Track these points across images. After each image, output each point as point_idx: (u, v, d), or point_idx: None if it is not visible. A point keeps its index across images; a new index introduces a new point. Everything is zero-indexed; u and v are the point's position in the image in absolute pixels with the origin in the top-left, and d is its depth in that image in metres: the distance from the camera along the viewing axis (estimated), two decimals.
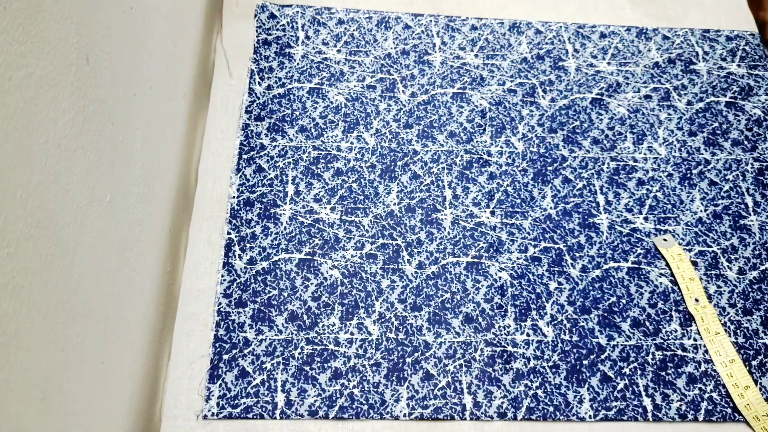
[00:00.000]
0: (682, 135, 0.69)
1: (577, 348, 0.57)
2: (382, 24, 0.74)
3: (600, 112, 0.70)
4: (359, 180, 0.64)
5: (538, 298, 0.59)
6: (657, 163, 0.67)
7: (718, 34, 0.76)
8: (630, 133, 0.69)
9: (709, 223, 0.64)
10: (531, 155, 0.67)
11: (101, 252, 0.43)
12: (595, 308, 0.59)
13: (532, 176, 0.66)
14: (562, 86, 0.71)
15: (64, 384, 0.38)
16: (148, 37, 0.52)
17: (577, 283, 0.60)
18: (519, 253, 0.61)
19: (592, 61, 0.73)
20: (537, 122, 0.69)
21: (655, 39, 0.75)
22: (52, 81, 0.35)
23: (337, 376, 0.55)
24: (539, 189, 0.65)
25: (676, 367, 0.57)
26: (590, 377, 0.56)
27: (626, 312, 0.59)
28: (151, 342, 0.54)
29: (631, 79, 0.72)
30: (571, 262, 0.61)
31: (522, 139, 0.68)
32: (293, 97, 0.68)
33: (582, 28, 0.75)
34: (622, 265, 0.62)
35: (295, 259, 0.59)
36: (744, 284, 0.61)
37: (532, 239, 0.62)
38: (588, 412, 0.55)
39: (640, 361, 0.57)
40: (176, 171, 0.61)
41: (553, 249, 0.62)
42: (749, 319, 0.60)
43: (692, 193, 0.66)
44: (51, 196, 0.36)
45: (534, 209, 0.64)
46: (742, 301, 0.60)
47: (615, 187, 0.66)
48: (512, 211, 0.64)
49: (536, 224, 0.63)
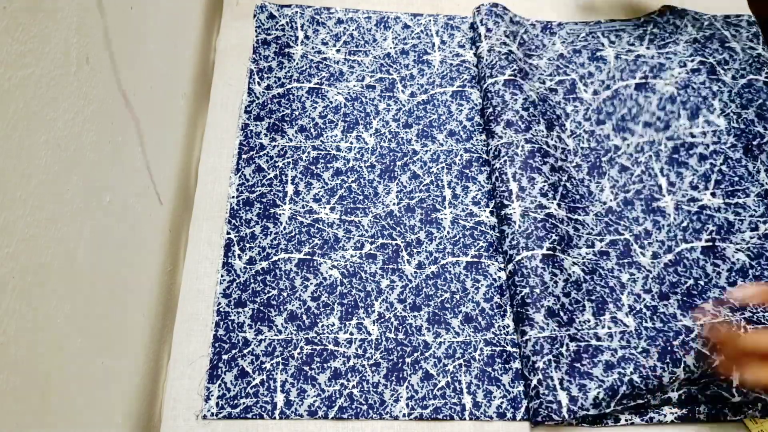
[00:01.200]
0: (735, 108, 0.66)
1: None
2: (382, 24, 0.74)
3: (647, 94, 0.68)
4: (359, 180, 0.64)
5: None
6: (717, 136, 0.65)
7: (739, 19, 0.75)
8: (683, 110, 0.67)
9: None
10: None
11: (101, 252, 0.43)
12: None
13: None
14: (604, 75, 0.70)
15: (64, 384, 0.38)
16: (148, 37, 0.52)
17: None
18: None
19: (630, 48, 0.72)
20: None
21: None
22: (52, 81, 0.35)
23: (337, 376, 0.55)
24: None
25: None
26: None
27: (706, 293, 0.58)
28: (151, 342, 0.54)
29: (674, 58, 0.70)
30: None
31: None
32: (293, 97, 0.68)
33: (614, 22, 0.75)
34: (696, 245, 0.60)
35: (294, 259, 0.59)
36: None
37: None
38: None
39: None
40: (176, 171, 0.61)
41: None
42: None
43: (757, 165, 0.63)
44: (51, 196, 0.36)
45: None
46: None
47: (676, 167, 0.63)
48: None
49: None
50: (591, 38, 0.72)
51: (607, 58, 0.70)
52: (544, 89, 0.68)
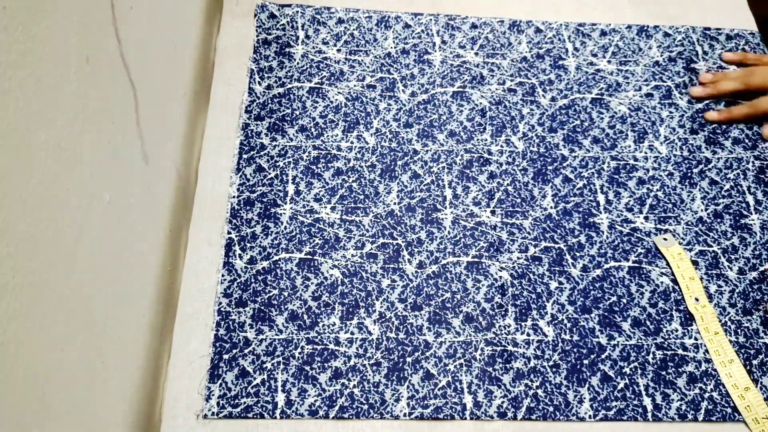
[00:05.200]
0: (683, 133, 0.69)
1: (577, 347, 0.57)
2: (382, 23, 0.74)
3: (601, 111, 0.70)
4: (359, 179, 0.64)
5: (539, 297, 0.59)
6: (658, 162, 0.67)
7: (718, 32, 0.76)
8: (631, 132, 0.69)
9: (709, 222, 0.64)
10: (531, 154, 0.67)
11: (101, 252, 0.43)
12: (596, 308, 0.59)
13: (533, 175, 0.66)
14: (563, 85, 0.71)
15: (64, 384, 0.38)
16: (148, 37, 0.52)
17: (578, 282, 0.60)
18: (519, 252, 0.61)
19: (593, 60, 0.73)
20: (537, 121, 0.69)
21: (656, 37, 0.75)
22: (52, 81, 0.35)
23: (338, 376, 0.55)
24: (539, 188, 0.65)
25: (676, 367, 0.57)
26: (590, 377, 0.56)
27: (627, 311, 0.59)
28: (151, 342, 0.54)
29: (632, 78, 0.72)
30: (571, 262, 0.61)
31: (522, 138, 0.68)
32: (293, 97, 0.68)
33: (582, 26, 0.75)
34: (623, 265, 0.62)
35: (295, 259, 0.59)
36: (744, 284, 0.61)
37: (532, 239, 0.62)
38: (588, 411, 0.55)
39: (640, 361, 0.57)
40: (176, 171, 0.61)
41: (554, 248, 0.62)
42: (749, 319, 0.60)
43: (693, 192, 0.66)
44: (51, 196, 0.36)
45: (534, 209, 0.64)
46: (742, 301, 0.60)
47: (615, 187, 0.66)
48: (512, 210, 0.64)
49: (536, 224, 0.63)
50: (557, 41, 0.73)
51: (569, 68, 0.72)
52: (503, 90, 0.70)
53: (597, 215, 0.64)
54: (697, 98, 0.71)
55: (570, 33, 0.75)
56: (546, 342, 0.57)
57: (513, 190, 0.65)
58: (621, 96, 0.71)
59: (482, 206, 0.63)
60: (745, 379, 0.56)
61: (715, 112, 0.70)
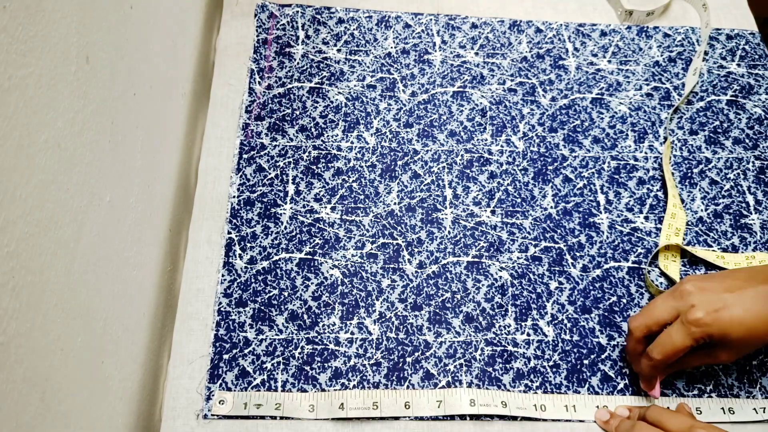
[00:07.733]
0: (683, 134, 0.69)
1: (577, 347, 0.57)
2: (382, 23, 0.74)
3: (601, 110, 0.70)
4: (359, 179, 0.64)
5: (539, 297, 0.59)
6: (658, 162, 0.67)
7: (718, 32, 0.76)
8: (631, 132, 0.69)
9: (709, 222, 0.64)
10: (531, 154, 0.67)
11: (101, 252, 0.43)
12: (596, 308, 0.59)
13: (533, 175, 0.66)
14: (563, 85, 0.71)
15: (64, 384, 0.38)
16: (148, 36, 0.52)
17: (578, 282, 0.60)
18: (519, 252, 0.61)
19: (593, 60, 0.73)
20: (538, 121, 0.69)
21: (656, 37, 0.75)
22: (52, 81, 0.35)
23: (338, 376, 0.55)
24: (540, 188, 0.65)
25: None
26: (590, 377, 0.56)
27: (627, 311, 0.59)
28: (151, 342, 0.54)
29: (632, 77, 0.72)
30: (571, 262, 0.61)
31: (522, 138, 0.68)
32: (293, 97, 0.68)
33: (582, 27, 0.75)
34: (623, 265, 0.62)
35: (295, 259, 0.59)
36: None
37: (532, 239, 0.62)
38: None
39: None
40: (176, 171, 0.61)
41: (554, 248, 0.62)
42: None
43: (693, 192, 0.66)
44: (51, 196, 0.36)
45: (534, 208, 0.64)
46: None
47: (616, 186, 0.66)
48: (513, 210, 0.64)
49: (537, 223, 0.63)
50: (557, 41, 0.73)
51: (569, 68, 0.72)
52: (503, 90, 0.70)
53: (597, 215, 0.64)
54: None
55: (570, 33, 0.75)
56: (546, 342, 0.57)
57: (513, 190, 0.65)
58: (621, 96, 0.71)
59: (482, 206, 0.63)
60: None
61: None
